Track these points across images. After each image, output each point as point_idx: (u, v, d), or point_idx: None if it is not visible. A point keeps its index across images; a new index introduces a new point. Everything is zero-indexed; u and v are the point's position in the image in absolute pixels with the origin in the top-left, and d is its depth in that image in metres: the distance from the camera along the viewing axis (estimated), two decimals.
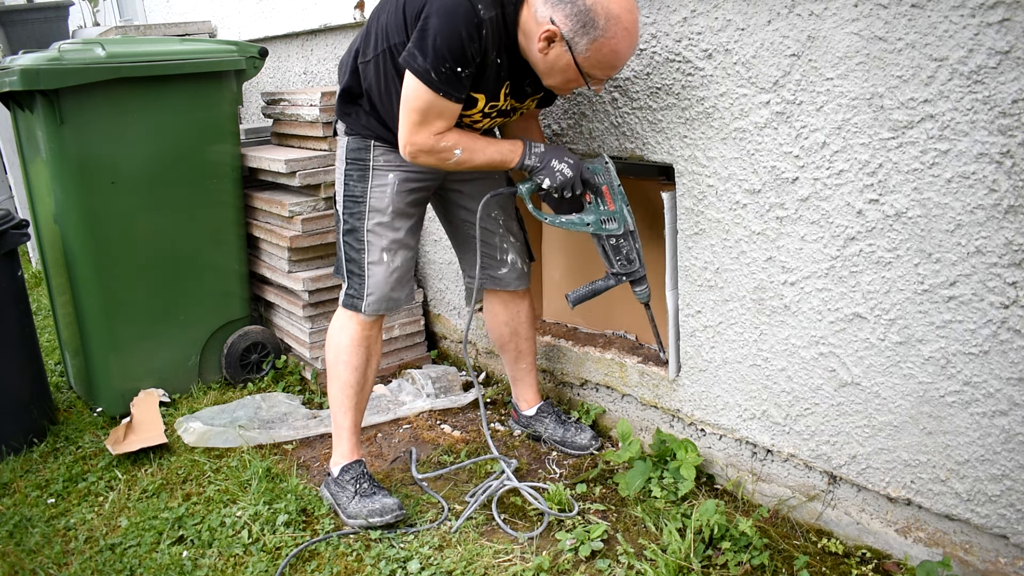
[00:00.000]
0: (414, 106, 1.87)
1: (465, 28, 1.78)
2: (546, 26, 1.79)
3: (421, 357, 3.12)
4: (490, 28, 1.81)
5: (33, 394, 2.74)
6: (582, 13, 1.75)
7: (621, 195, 2.09)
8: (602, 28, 1.76)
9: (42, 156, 2.68)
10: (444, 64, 1.79)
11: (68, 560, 2.11)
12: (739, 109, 1.89)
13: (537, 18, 1.81)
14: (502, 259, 2.32)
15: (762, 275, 1.95)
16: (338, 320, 2.22)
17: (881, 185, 1.67)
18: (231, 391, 2.99)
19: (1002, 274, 1.55)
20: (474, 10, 1.77)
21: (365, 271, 2.12)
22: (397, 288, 2.16)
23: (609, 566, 1.92)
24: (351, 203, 2.11)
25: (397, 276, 2.15)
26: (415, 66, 1.82)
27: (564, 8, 1.77)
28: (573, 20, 1.76)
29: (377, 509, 2.10)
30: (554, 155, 2.03)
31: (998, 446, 1.64)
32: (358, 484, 2.16)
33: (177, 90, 2.74)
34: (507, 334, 2.42)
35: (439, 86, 1.82)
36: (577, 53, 1.80)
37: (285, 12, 3.66)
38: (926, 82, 1.56)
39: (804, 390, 1.94)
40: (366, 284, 2.13)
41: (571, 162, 2.02)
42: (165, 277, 2.85)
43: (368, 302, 2.14)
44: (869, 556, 1.90)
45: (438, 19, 1.78)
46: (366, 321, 2.18)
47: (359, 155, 2.09)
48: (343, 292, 2.19)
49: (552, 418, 2.45)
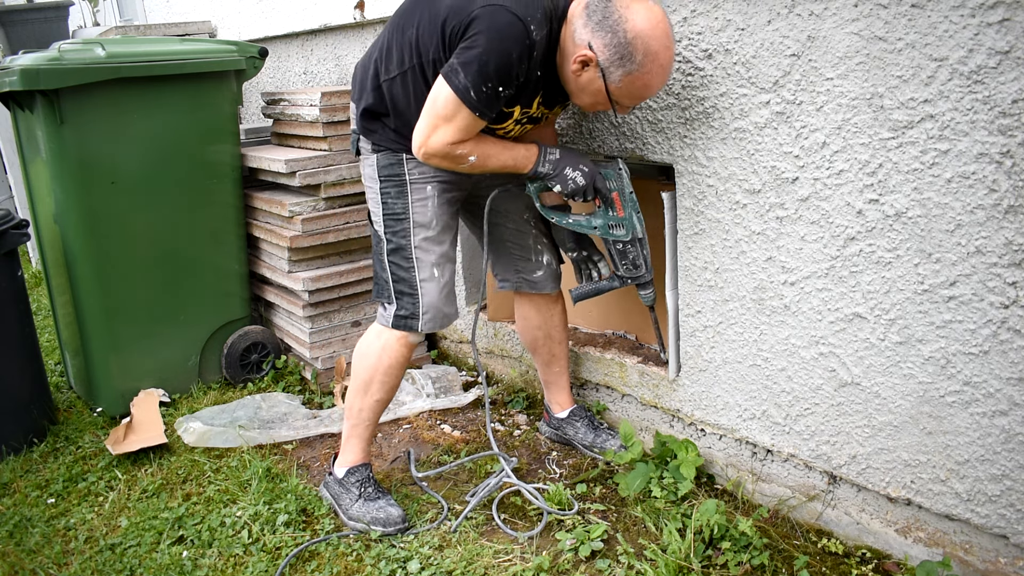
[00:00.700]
0: (442, 114, 1.82)
1: (517, 50, 1.75)
2: (583, 50, 1.77)
3: (421, 357, 3.12)
4: (540, 49, 1.80)
5: (33, 394, 2.74)
6: (622, 46, 1.74)
7: (632, 202, 2.07)
8: (639, 63, 1.75)
9: (42, 156, 2.68)
10: (487, 83, 1.77)
11: (68, 560, 2.11)
12: (739, 109, 1.89)
13: (575, 39, 1.79)
14: (537, 261, 2.29)
15: (762, 275, 1.95)
16: (382, 339, 2.12)
17: (881, 185, 1.67)
18: (231, 391, 2.99)
19: (1002, 274, 1.55)
20: (527, 31, 1.75)
21: (418, 289, 2.06)
22: (449, 303, 2.12)
23: (609, 566, 1.92)
24: (393, 221, 2.05)
25: (448, 290, 2.11)
26: (456, 82, 1.77)
27: (604, 36, 1.75)
28: (611, 50, 1.75)
29: (381, 519, 2.08)
30: (568, 162, 2.00)
31: (998, 446, 1.64)
32: (363, 487, 2.15)
33: (177, 90, 2.74)
34: (540, 338, 2.39)
35: (476, 105, 1.79)
36: (610, 82, 1.78)
37: (285, 12, 3.66)
38: (926, 82, 1.56)
39: (804, 390, 1.94)
40: (420, 303, 2.06)
41: (585, 170, 2.00)
42: (165, 277, 2.85)
43: (424, 320, 2.07)
44: (869, 556, 1.90)
45: (488, 38, 1.74)
46: (413, 344, 2.12)
47: (393, 170, 2.03)
48: (392, 314, 2.09)
49: (584, 422, 2.43)
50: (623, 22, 1.73)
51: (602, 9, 1.75)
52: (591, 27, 1.76)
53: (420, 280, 2.06)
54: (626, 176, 2.06)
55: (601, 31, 1.75)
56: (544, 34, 1.78)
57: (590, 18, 1.76)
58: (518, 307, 2.41)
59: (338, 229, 2.87)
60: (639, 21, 1.73)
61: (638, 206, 2.08)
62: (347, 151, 2.85)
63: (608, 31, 1.74)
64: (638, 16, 1.73)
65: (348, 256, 2.96)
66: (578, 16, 1.79)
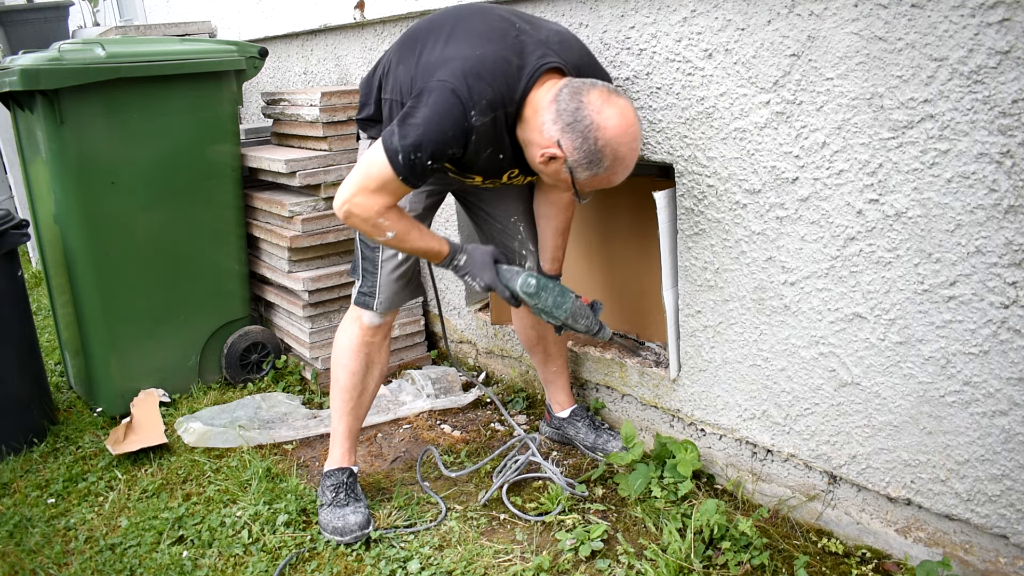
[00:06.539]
0: (369, 172, 1.80)
1: (452, 130, 1.75)
2: (552, 148, 1.77)
3: (421, 357, 3.12)
4: (480, 135, 1.79)
5: (33, 394, 2.74)
6: (592, 153, 1.73)
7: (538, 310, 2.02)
8: (607, 167, 1.76)
9: (42, 156, 2.68)
10: (416, 153, 1.75)
11: (68, 560, 2.11)
12: (739, 109, 1.89)
13: (543, 131, 1.77)
14: (520, 264, 2.29)
15: (762, 275, 1.95)
16: (344, 322, 2.24)
17: (881, 185, 1.67)
18: (231, 391, 2.99)
19: (1002, 274, 1.55)
20: (465, 115, 1.74)
21: (379, 268, 2.15)
22: (408, 285, 2.20)
23: (609, 566, 1.92)
24: None
25: (410, 274, 2.19)
26: (388, 143, 1.77)
27: (575, 140, 1.73)
28: (581, 153, 1.74)
29: (339, 527, 2.08)
30: (469, 271, 1.99)
31: (998, 446, 1.64)
32: (336, 493, 2.15)
33: (177, 90, 2.74)
34: (534, 337, 2.41)
35: (402, 170, 1.77)
36: (576, 178, 1.79)
37: (285, 12, 3.66)
38: (926, 82, 1.56)
39: (804, 390, 1.94)
40: (379, 282, 2.15)
41: (483, 283, 1.99)
42: (165, 277, 2.85)
43: (380, 300, 2.16)
44: (869, 556, 1.90)
45: (428, 112, 1.75)
46: (368, 327, 2.19)
47: None
48: (355, 290, 2.20)
49: (585, 422, 2.44)
50: (594, 129, 1.71)
51: (572, 111, 1.72)
52: (560, 126, 1.74)
53: (382, 260, 2.14)
54: (525, 294, 1.99)
55: (572, 133, 1.73)
56: (487, 120, 1.77)
57: (560, 116, 1.74)
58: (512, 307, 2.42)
59: (338, 229, 2.87)
60: (610, 128, 1.71)
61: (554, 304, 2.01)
62: (347, 151, 2.85)
63: (579, 135, 1.72)
64: (610, 122, 1.71)
65: (348, 256, 2.96)
66: (546, 109, 1.76)
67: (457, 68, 1.77)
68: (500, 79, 1.77)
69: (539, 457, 2.26)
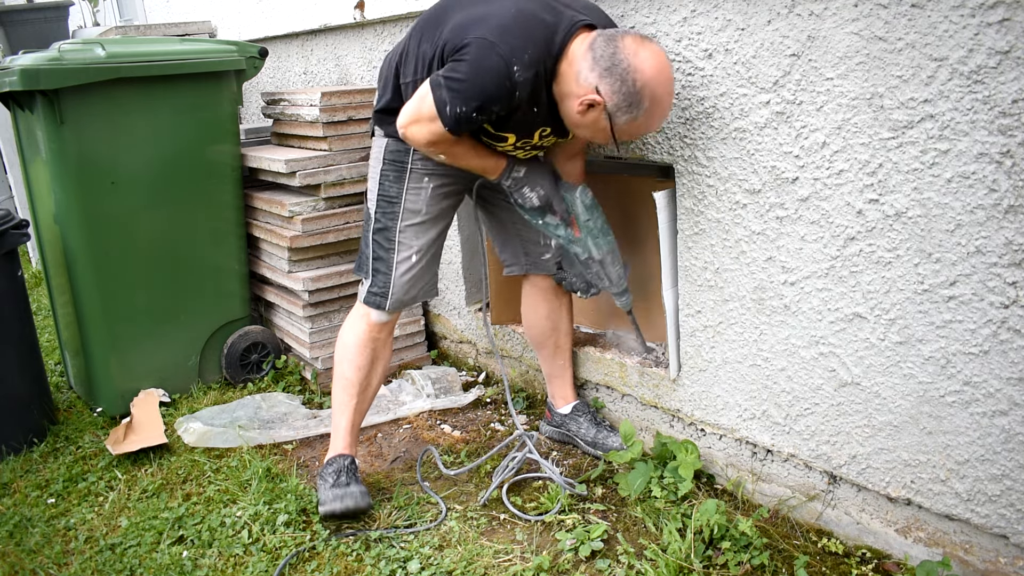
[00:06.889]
0: (421, 109, 1.87)
1: (495, 86, 1.79)
2: (590, 94, 1.79)
3: (421, 357, 3.12)
4: (524, 89, 1.82)
5: (33, 394, 2.74)
6: (631, 94, 1.76)
7: (588, 229, 2.14)
8: (645, 109, 1.78)
9: (42, 156, 2.68)
10: (462, 107, 1.81)
11: (68, 560, 2.11)
12: (739, 109, 1.89)
13: (579, 80, 1.80)
14: (546, 244, 2.33)
15: (762, 275, 1.95)
16: (350, 318, 2.25)
17: (881, 185, 1.67)
18: (231, 391, 2.99)
19: (1002, 274, 1.55)
20: (509, 71, 1.78)
21: (393, 270, 2.15)
22: (422, 289, 2.23)
23: (609, 566, 1.92)
24: (385, 203, 2.13)
25: (426, 278, 2.21)
26: (437, 95, 1.82)
27: (613, 83, 1.76)
28: (620, 97, 1.77)
29: (339, 494, 2.10)
30: (528, 182, 2.08)
31: (998, 446, 1.64)
32: (337, 476, 2.16)
33: (177, 90, 2.74)
34: (548, 329, 2.42)
35: (448, 122, 1.83)
36: (615, 124, 1.81)
37: (285, 12, 3.66)
38: (926, 82, 1.56)
39: (804, 390, 1.94)
40: (392, 283, 2.16)
41: (541, 192, 2.10)
42: (165, 277, 2.85)
43: (392, 301, 2.17)
44: (869, 556, 1.90)
45: (472, 69, 1.79)
46: (375, 323, 2.20)
47: (398, 156, 2.10)
48: (365, 289, 2.20)
49: (587, 418, 2.44)
50: (632, 71, 1.75)
51: (610, 55, 1.76)
52: (598, 71, 1.77)
53: (396, 262, 2.15)
54: (582, 204, 2.12)
55: (609, 77, 1.76)
56: (530, 76, 1.80)
57: (597, 62, 1.77)
58: (526, 297, 2.43)
59: (338, 229, 2.87)
60: (647, 69, 1.75)
61: (600, 231, 2.15)
62: (347, 151, 2.85)
63: (617, 78, 1.76)
64: (646, 64, 1.75)
65: (348, 256, 2.96)
66: (582, 57, 1.80)
67: (494, 24, 1.80)
68: (539, 34, 1.80)
69: (536, 454, 2.26)
